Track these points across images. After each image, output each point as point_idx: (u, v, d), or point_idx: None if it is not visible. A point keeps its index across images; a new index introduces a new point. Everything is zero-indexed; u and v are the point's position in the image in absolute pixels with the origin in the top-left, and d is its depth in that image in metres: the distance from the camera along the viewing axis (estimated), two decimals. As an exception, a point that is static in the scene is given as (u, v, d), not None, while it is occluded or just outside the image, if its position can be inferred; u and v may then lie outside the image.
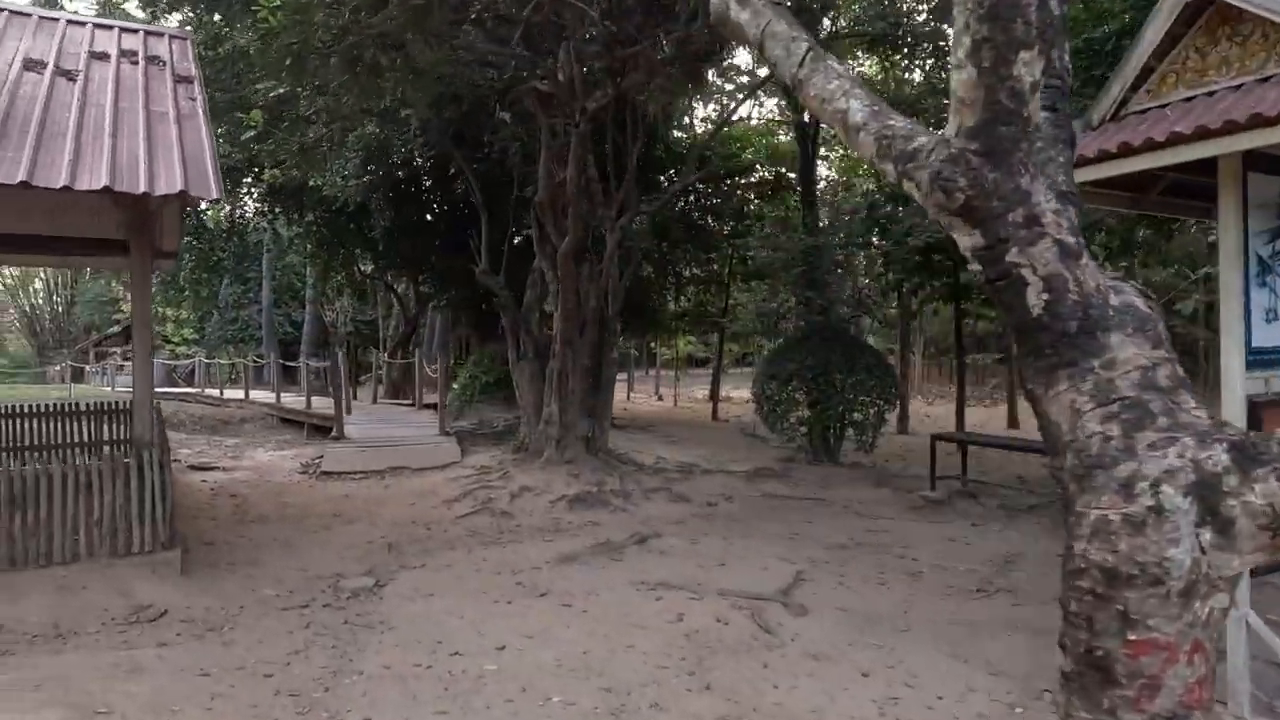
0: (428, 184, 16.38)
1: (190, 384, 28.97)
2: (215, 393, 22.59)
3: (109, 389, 26.06)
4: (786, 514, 8.30)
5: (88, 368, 34.51)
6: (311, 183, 12.56)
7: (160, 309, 31.43)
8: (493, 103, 10.81)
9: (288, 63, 5.30)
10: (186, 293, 24.01)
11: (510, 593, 5.48)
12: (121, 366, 30.57)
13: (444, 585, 5.67)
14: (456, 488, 8.92)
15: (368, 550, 6.67)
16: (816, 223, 14.41)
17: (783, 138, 20.93)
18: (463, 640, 4.55)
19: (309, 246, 19.25)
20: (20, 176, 4.58)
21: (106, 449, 9.33)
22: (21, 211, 8.34)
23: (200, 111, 6.02)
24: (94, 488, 5.38)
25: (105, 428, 9.29)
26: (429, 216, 17.91)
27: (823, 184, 20.39)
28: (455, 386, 19.17)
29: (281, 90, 6.26)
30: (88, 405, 9.38)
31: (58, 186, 4.64)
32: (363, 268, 21.83)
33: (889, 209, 13.14)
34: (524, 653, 4.37)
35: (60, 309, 45.81)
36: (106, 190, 4.74)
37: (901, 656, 4.33)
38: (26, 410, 9.06)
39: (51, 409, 9.19)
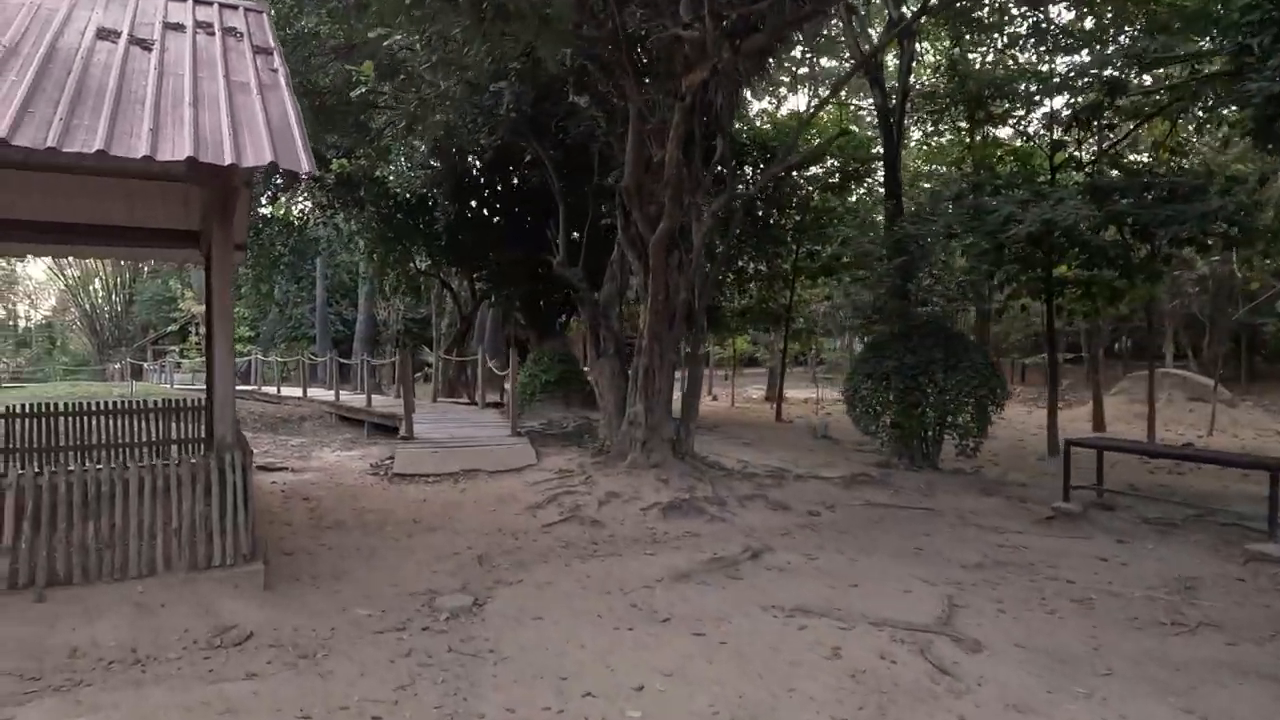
0: (486, 177, 15.93)
1: (245, 381, 29.09)
2: (272, 390, 22.50)
3: (167, 386, 26.21)
4: (899, 526, 7.57)
5: (145, 365, 34.98)
6: (378, 173, 12.16)
7: (216, 307, 31.58)
8: (567, 85, 10.26)
9: (406, 2, 4.74)
10: (244, 289, 23.97)
11: (627, 617, 4.85)
12: (179, 364, 30.85)
13: (550, 606, 5.06)
14: (538, 493, 8.34)
15: (457, 562, 6.11)
16: (901, 211, 13.60)
17: (852, 127, 20.06)
18: (591, 677, 3.93)
19: (363, 243, 18.98)
20: (97, 145, 4.09)
21: (175, 449, 8.97)
22: (93, 198, 8.00)
23: (283, 83, 5.52)
24: (172, 493, 4.89)
25: (175, 426, 8.93)
26: (485, 211, 17.49)
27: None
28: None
29: (397, 37, 5.71)
30: (156, 403, 9.03)
31: (138, 157, 4.13)
32: (418, 264, 21.50)
33: (972, 197, 12.28)
34: (668, 695, 3.73)
35: (119, 308, 46.65)
36: (190, 161, 4.22)
37: (1121, 709, 3.60)
38: (94, 408, 8.73)
39: (119, 406, 8.85)
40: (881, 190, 23.02)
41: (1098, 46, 13.50)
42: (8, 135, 3.90)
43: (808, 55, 16.93)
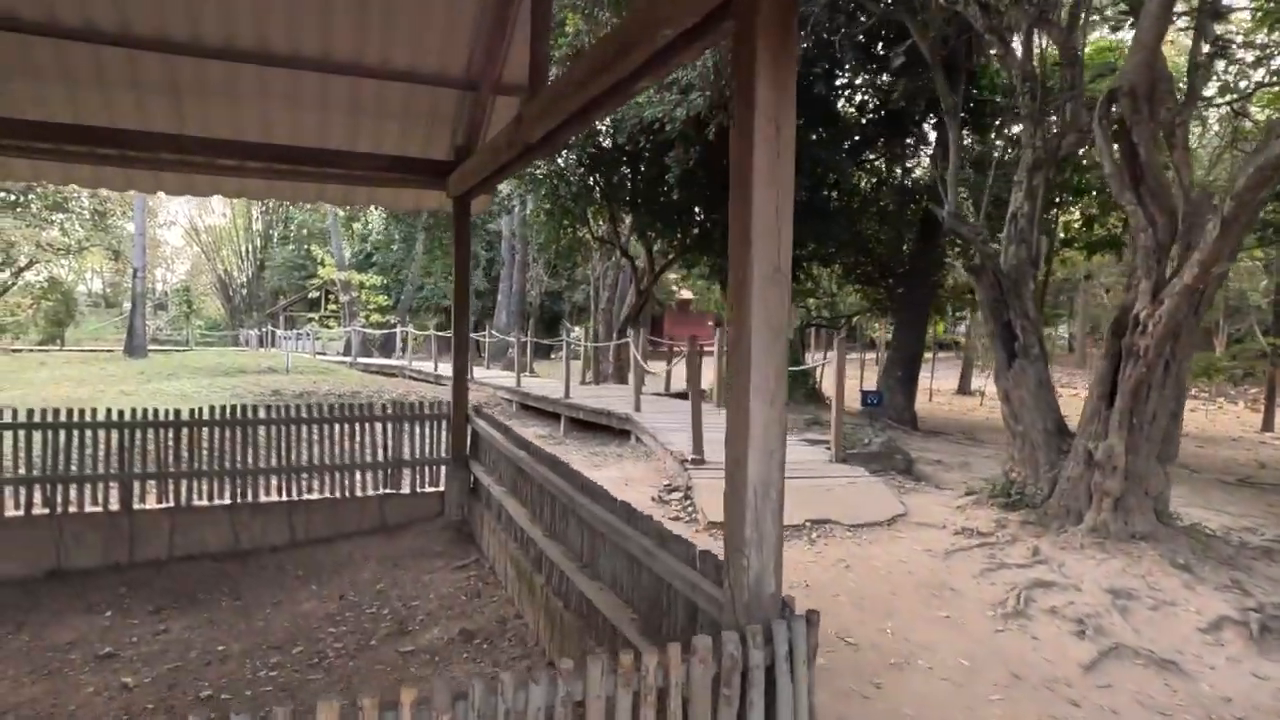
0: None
1: (385, 354, 27.27)
2: (425, 367, 20.32)
3: (309, 356, 24.50)
4: None
5: (279, 332, 33.97)
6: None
7: (355, 274, 29.94)
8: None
9: None
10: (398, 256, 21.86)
11: None
12: (317, 335, 29.36)
13: None
14: (973, 575, 5.25)
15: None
16: None
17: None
18: None
19: (540, 199, 16.29)
20: None
21: (409, 474, 6.35)
22: (311, 111, 5.43)
23: None
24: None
25: (413, 435, 6.32)
26: (691, 162, 14.43)
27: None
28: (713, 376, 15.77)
29: None
30: (384, 408, 6.40)
31: None
32: (593, 229, 18.72)
33: None
34: None
35: (250, 273, 46.32)
36: None
37: None
38: (302, 414, 6.15)
39: (333, 413, 6.25)
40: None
41: None
42: None
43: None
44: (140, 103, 5.39)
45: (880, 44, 12.31)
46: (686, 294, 34.19)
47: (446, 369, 19.59)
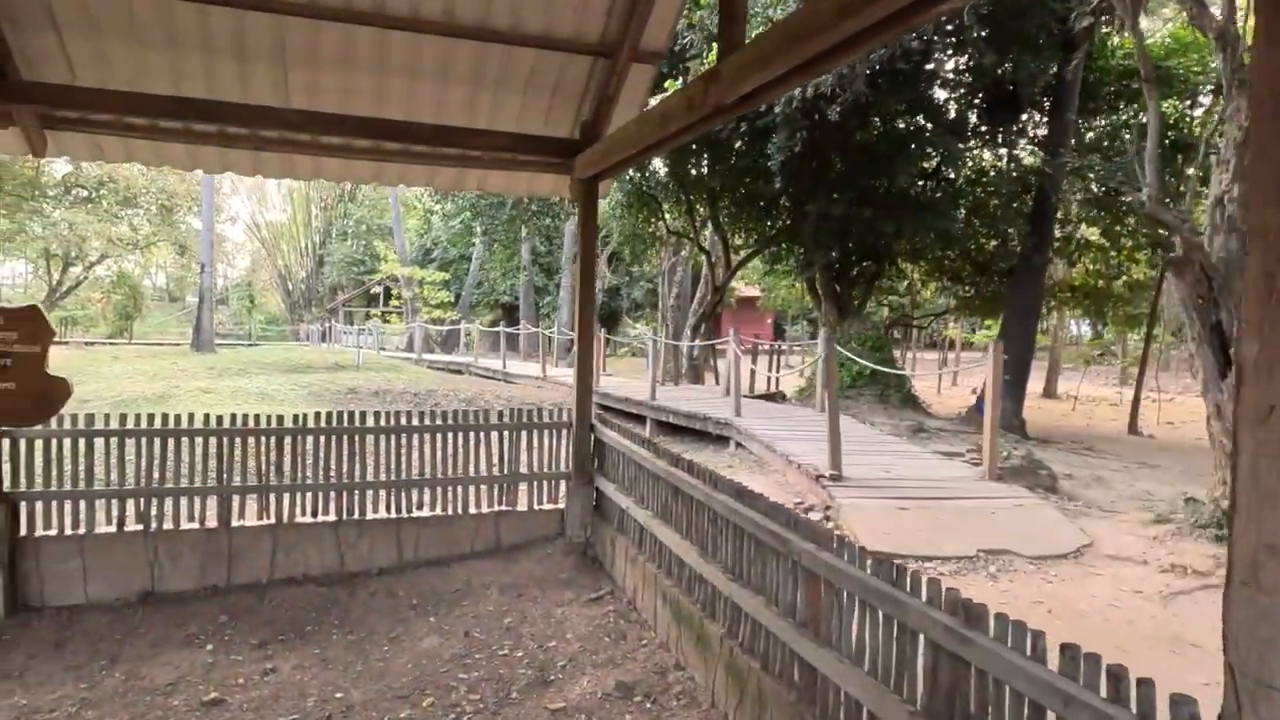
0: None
1: (446, 351, 26.97)
2: (493, 365, 19.82)
3: (374, 352, 24.23)
4: None
5: (339, 327, 34.01)
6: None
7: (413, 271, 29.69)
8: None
9: None
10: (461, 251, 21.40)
11: None
12: (380, 330, 29.21)
13: None
14: (1213, 627, 4.37)
15: None
16: None
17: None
18: None
19: (624, 194, 15.63)
20: None
21: (527, 491, 5.70)
22: (428, 82, 4.78)
23: None
24: None
25: (530, 445, 5.66)
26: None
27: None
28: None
29: None
30: (501, 416, 5.75)
31: None
32: (669, 222, 17.98)
33: None
34: None
35: (310, 269, 46.67)
36: None
37: None
38: (412, 424, 5.52)
39: (446, 420, 5.61)
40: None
41: None
42: None
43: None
44: (244, 72, 4.82)
45: (987, 28, 11.36)
46: (749, 290, 33.21)
47: (515, 366, 19.11)
